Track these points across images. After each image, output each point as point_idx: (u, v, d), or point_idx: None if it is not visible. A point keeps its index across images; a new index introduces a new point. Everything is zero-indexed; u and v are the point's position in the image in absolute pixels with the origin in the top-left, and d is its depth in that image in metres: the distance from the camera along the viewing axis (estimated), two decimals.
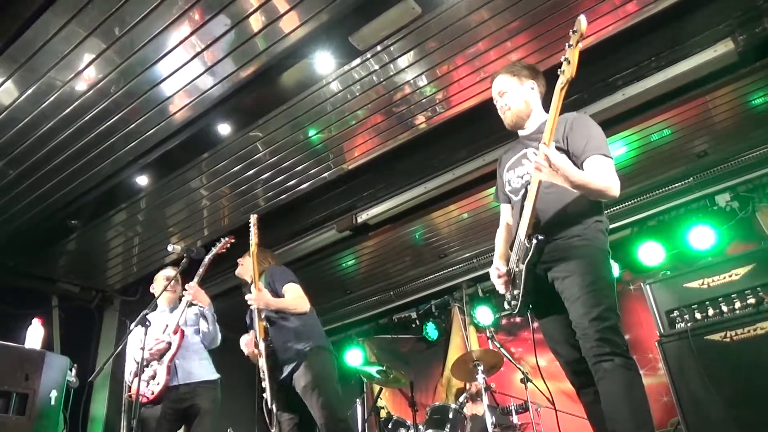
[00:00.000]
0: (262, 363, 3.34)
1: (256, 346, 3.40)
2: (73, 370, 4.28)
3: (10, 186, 4.72)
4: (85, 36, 3.48)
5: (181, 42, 3.59)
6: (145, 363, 3.54)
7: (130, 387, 3.60)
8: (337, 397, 3.22)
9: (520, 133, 2.68)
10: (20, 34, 3.41)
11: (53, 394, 3.72)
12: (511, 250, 2.48)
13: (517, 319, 6.70)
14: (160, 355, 3.68)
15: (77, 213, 5.17)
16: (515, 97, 2.62)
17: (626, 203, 5.81)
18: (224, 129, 4.31)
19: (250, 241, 3.59)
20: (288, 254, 6.14)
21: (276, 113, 4.34)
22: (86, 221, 5.33)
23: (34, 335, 3.94)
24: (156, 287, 4.10)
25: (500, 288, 2.50)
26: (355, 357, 7.40)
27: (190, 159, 4.76)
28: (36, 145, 4.30)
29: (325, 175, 5.14)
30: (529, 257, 2.31)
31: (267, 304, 3.40)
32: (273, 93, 4.14)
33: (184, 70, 3.79)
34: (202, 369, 3.84)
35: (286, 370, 3.32)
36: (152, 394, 3.57)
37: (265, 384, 3.30)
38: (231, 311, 4.76)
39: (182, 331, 3.79)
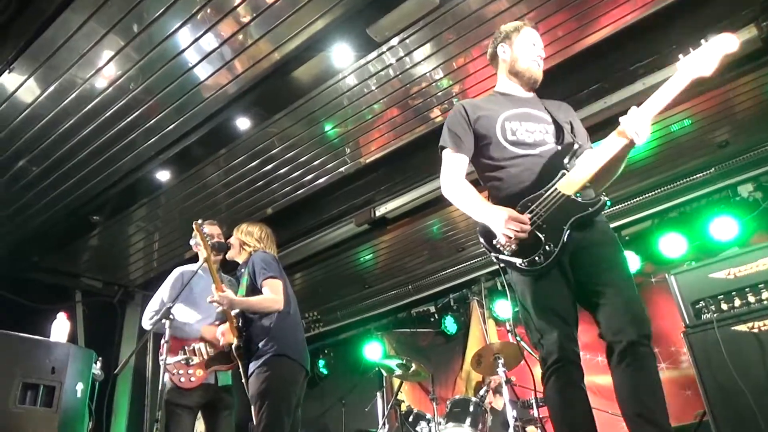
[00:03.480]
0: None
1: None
2: (98, 363, 4.34)
3: (34, 182, 4.81)
4: (104, 33, 3.53)
5: (199, 38, 3.62)
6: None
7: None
8: (278, 419, 2.96)
9: (523, 94, 2.58)
10: (41, 33, 3.46)
11: (79, 386, 3.78)
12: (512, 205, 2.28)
13: None
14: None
15: (99, 209, 5.25)
16: None
17: (647, 195, 5.73)
18: (243, 124, 4.33)
19: (202, 252, 3.45)
20: (306, 249, 6.17)
21: (292, 108, 4.36)
22: (108, 217, 5.42)
23: (60, 329, 4.01)
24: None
25: (518, 235, 2.17)
26: (374, 351, 7.41)
27: (208, 155, 4.80)
28: (58, 142, 4.37)
29: (342, 169, 5.15)
30: (584, 214, 2.21)
31: (231, 304, 3.18)
32: (290, 88, 4.15)
33: (202, 65, 3.82)
34: None
35: (249, 368, 3.16)
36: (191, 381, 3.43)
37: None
38: None
39: None
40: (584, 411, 2.11)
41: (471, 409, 4.74)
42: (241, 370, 3.23)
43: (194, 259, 4.06)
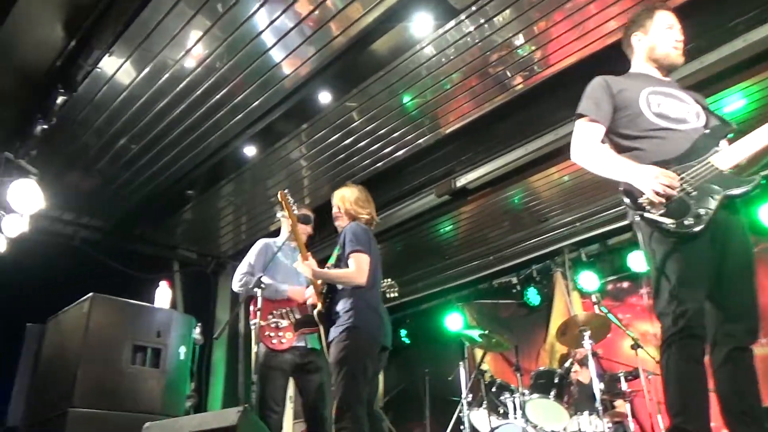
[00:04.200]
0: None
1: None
2: (198, 328, 4.66)
3: (134, 159, 5.16)
4: (192, 14, 3.69)
5: (280, 15, 3.71)
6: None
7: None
8: (354, 386, 3.00)
9: (661, 77, 2.55)
10: (136, 16, 3.65)
11: (182, 349, 4.10)
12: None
13: (625, 285, 6.44)
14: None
15: (192, 184, 5.57)
16: None
17: None
18: (324, 98, 4.41)
19: (287, 219, 3.54)
20: (386, 221, 6.24)
21: (372, 80, 4.39)
22: (200, 192, 5.73)
23: (163, 296, 4.34)
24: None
25: (667, 192, 2.14)
26: (455, 321, 7.45)
27: (291, 130, 4.94)
28: (153, 122, 4.65)
29: (422, 141, 5.16)
30: (740, 190, 2.18)
31: (313, 274, 3.30)
32: (369, 60, 4.18)
33: (285, 41, 3.92)
34: None
35: (330, 335, 3.22)
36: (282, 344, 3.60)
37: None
38: None
39: None
40: (703, 389, 2.07)
41: (556, 380, 4.70)
42: (322, 335, 3.34)
43: (278, 232, 4.21)
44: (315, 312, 3.39)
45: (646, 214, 2.20)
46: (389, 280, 3.87)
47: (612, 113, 2.43)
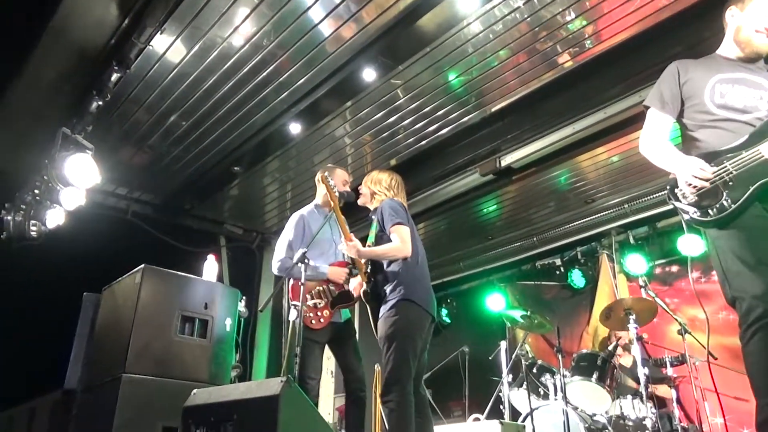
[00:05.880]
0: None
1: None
2: (243, 302, 4.79)
3: (184, 136, 5.30)
4: None
5: None
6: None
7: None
8: (404, 361, 3.03)
9: (744, 60, 2.47)
10: None
11: (228, 321, 4.23)
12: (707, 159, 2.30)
13: (674, 269, 6.27)
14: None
15: (239, 160, 5.68)
16: None
17: None
18: (369, 75, 4.41)
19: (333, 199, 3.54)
20: (429, 199, 6.24)
21: (417, 57, 4.37)
22: (246, 168, 5.85)
23: (210, 269, 4.47)
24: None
25: (696, 184, 2.26)
26: (496, 301, 7.43)
27: (335, 107, 4.97)
28: (203, 99, 4.75)
29: (467, 119, 5.11)
30: None
31: (359, 254, 3.33)
32: (415, 36, 4.16)
33: (330, 18, 3.93)
34: None
35: (379, 312, 3.25)
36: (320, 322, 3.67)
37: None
38: None
39: None
40: None
41: (598, 363, 4.66)
42: (370, 314, 3.39)
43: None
44: (362, 291, 3.44)
45: (676, 203, 2.37)
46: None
47: (680, 103, 2.48)
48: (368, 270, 3.42)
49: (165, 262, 4.32)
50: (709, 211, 2.24)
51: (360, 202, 3.65)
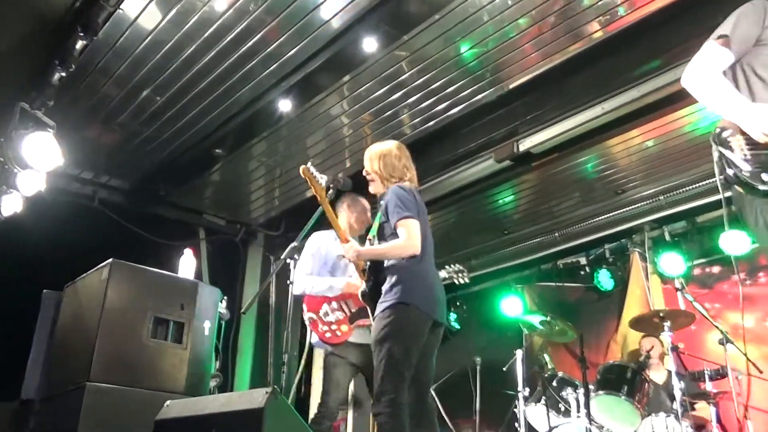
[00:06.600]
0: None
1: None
2: (224, 302, 4.81)
3: (158, 113, 5.29)
4: None
5: None
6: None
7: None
8: (394, 367, 3.01)
9: None
10: None
11: (207, 324, 4.25)
12: None
13: (715, 269, 6.27)
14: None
15: (221, 142, 5.69)
16: None
17: None
18: (369, 46, 4.38)
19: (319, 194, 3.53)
20: (437, 188, 6.23)
21: (425, 26, 4.34)
22: (229, 150, 5.85)
23: (187, 265, 4.49)
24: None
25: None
26: (512, 305, 7.43)
27: (331, 82, 4.96)
28: (180, 70, 4.74)
29: (480, 96, 5.09)
30: None
31: (358, 256, 3.33)
32: (422, 1, 4.14)
33: None
34: None
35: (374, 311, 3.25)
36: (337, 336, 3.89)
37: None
38: None
39: None
40: None
41: (628, 376, 4.67)
42: (370, 316, 3.38)
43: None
44: (359, 292, 3.46)
45: (723, 149, 2.24)
46: (457, 265, 3.98)
47: (752, 43, 2.41)
48: (365, 267, 3.43)
49: (136, 256, 4.33)
50: (763, 176, 2.15)
51: (373, 190, 3.56)
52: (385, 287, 3.22)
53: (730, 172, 2.24)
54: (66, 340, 4.33)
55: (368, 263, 3.42)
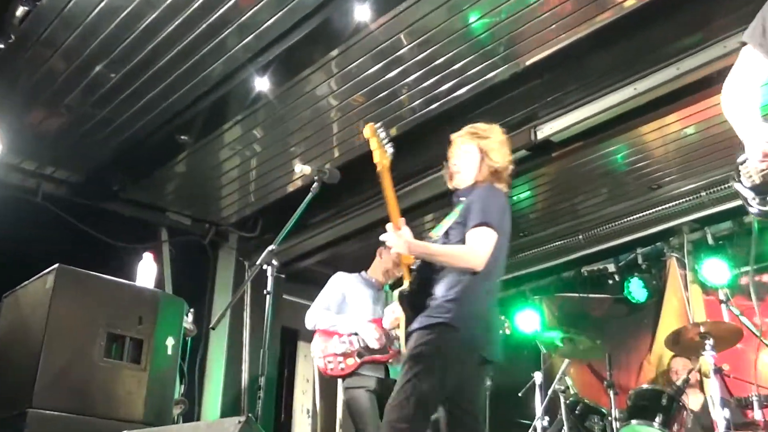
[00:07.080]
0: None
1: None
2: (190, 316, 4.80)
3: (112, 93, 5.27)
4: None
5: None
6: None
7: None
8: (418, 396, 2.90)
9: None
10: None
11: (170, 341, 4.23)
12: None
13: (765, 278, 6.30)
14: None
15: (187, 126, 5.68)
16: None
17: None
18: (362, 14, 4.38)
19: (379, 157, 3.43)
20: (442, 182, 6.20)
21: None
22: (197, 137, 5.83)
23: (146, 272, 4.47)
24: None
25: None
26: (529, 320, 7.45)
27: (316, 58, 4.95)
28: (140, 41, 4.72)
29: (492, 74, 5.10)
30: None
31: (410, 249, 3.14)
32: None
33: None
34: None
35: (416, 322, 3.10)
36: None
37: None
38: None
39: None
40: None
41: (663, 402, 4.69)
42: (402, 323, 3.27)
43: (304, 190, 4.24)
44: (397, 292, 3.33)
45: (735, 184, 2.33)
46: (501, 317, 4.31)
47: None
48: (415, 266, 3.29)
49: (86, 260, 4.32)
50: None
51: (456, 182, 3.48)
52: (435, 300, 3.11)
53: (747, 206, 2.33)
54: (4, 359, 4.31)
55: (419, 262, 3.29)
